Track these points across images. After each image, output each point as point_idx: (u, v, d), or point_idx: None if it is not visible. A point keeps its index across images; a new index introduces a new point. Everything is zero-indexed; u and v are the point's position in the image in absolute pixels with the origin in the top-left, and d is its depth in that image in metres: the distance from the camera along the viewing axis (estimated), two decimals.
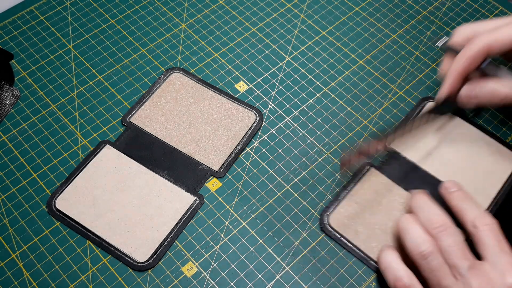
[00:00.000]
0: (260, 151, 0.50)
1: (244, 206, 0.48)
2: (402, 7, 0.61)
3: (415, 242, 0.39)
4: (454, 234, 0.39)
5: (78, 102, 0.53)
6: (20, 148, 0.50)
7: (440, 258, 0.38)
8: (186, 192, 0.48)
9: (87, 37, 0.58)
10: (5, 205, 0.47)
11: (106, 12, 0.60)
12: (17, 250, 0.45)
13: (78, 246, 0.45)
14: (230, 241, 0.46)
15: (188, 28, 0.58)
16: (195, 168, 0.49)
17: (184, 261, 0.45)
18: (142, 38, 0.58)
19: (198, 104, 0.53)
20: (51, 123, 0.52)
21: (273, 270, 0.45)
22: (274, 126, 0.52)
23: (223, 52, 0.57)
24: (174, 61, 0.56)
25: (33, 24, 0.58)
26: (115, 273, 0.44)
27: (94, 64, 0.56)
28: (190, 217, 0.47)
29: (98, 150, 0.50)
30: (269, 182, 0.49)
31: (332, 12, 0.60)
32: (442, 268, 0.38)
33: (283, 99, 0.54)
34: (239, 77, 0.55)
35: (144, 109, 0.52)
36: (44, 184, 0.48)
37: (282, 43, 0.58)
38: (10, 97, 0.53)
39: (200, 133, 0.51)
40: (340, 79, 0.55)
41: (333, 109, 0.53)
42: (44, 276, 0.44)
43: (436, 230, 0.39)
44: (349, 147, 0.51)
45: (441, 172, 0.49)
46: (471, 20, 0.59)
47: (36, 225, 0.46)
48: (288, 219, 0.47)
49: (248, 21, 0.59)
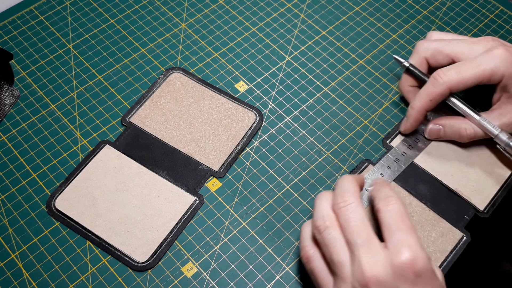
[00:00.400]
0: (260, 151, 0.50)
1: (244, 206, 0.47)
2: (402, 7, 0.61)
3: (315, 217, 0.39)
4: (354, 211, 0.38)
5: (78, 102, 0.53)
6: (20, 148, 0.50)
7: (334, 233, 0.38)
8: (186, 192, 0.48)
9: (87, 37, 0.58)
10: (5, 205, 0.47)
11: (106, 12, 0.59)
12: (17, 250, 0.45)
13: (78, 246, 0.45)
14: (230, 241, 0.46)
15: (188, 28, 0.58)
16: (195, 168, 0.49)
17: (184, 261, 0.45)
18: (142, 38, 0.58)
19: (198, 104, 0.53)
20: (51, 123, 0.52)
21: (273, 270, 0.45)
22: (274, 126, 0.52)
23: (223, 52, 0.57)
24: (174, 61, 0.56)
25: (33, 24, 0.58)
26: (115, 273, 0.44)
27: (94, 64, 0.56)
28: (190, 217, 0.47)
29: (98, 150, 0.50)
30: (269, 182, 0.49)
31: (332, 12, 0.60)
32: (334, 243, 0.37)
33: (283, 99, 0.54)
34: (239, 77, 0.55)
35: (144, 109, 0.52)
36: (44, 184, 0.48)
37: (282, 43, 0.58)
38: (10, 97, 0.53)
39: (200, 133, 0.51)
40: (340, 79, 0.55)
41: (333, 109, 0.53)
42: (44, 276, 0.44)
43: (337, 206, 0.39)
44: (349, 147, 0.51)
45: (441, 172, 0.49)
46: (471, 20, 0.59)
47: (36, 225, 0.46)
48: (288, 219, 0.47)
49: (248, 21, 0.59)
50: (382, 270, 0.35)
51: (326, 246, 0.38)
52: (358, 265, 0.36)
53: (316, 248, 0.40)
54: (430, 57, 0.48)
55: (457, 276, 0.45)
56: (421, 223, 0.46)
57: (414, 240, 0.36)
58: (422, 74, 0.48)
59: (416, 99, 0.47)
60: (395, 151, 0.49)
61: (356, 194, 0.39)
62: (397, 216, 0.37)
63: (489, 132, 0.46)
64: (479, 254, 0.46)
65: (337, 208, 0.39)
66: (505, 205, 0.48)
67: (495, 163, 0.49)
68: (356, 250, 0.36)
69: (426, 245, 0.45)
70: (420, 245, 0.36)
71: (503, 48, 0.44)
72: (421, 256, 0.35)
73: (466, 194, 0.48)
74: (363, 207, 0.38)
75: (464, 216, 0.47)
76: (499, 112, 0.46)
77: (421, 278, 0.35)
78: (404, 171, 0.49)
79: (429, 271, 0.35)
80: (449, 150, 0.50)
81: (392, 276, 0.35)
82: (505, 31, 0.58)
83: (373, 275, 0.35)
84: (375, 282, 0.35)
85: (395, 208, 0.38)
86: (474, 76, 0.45)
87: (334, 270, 0.37)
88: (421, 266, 0.35)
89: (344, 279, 0.36)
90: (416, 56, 0.49)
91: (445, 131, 0.49)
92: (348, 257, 0.37)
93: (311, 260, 0.40)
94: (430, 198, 0.47)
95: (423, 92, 0.47)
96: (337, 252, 0.37)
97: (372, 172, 0.48)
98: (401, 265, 0.35)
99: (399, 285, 0.35)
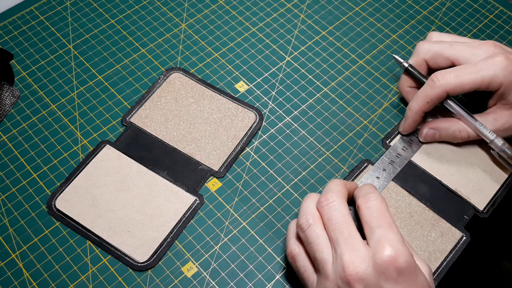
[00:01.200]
0: (260, 151, 0.50)
1: (244, 206, 0.48)
2: (402, 7, 0.61)
3: (299, 215, 0.40)
4: (336, 209, 0.38)
5: (78, 102, 0.53)
6: (20, 148, 0.50)
7: (317, 231, 0.38)
8: (186, 192, 0.48)
9: (87, 37, 0.58)
10: (5, 205, 0.47)
11: (106, 12, 0.60)
12: (17, 250, 0.45)
13: (78, 246, 0.45)
14: (230, 241, 0.46)
15: (188, 28, 0.58)
16: (195, 168, 0.49)
17: (184, 261, 0.45)
18: (142, 38, 0.58)
19: (198, 104, 0.53)
20: (51, 123, 0.52)
21: (273, 270, 0.45)
22: (274, 126, 0.52)
23: (223, 52, 0.57)
24: (174, 61, 0.56)
25: (33, 24, 0.58)
26: (115, 273, 0.44)
27: (94, 64, 0.56)
28: (190, 217, 0.47)
29: (98, 150, 0.50)
30: (269, 182, 0.49)
31: (332, 12, 0.60)
32: (317, 240, 0.38)
33: (283, 99, 0.54)
34: (239, 77, 0.55)
35: (144, 109, 0.52)
36: (44, 184, 0.48)
37: (282, 43, 0.58)
38: (10, 97, 0.53)
39: (200, 133, 0.51)
40: (340, 79, 0.55)
41: (333, 109, 0.53)
42: (44, 276, 0.44)
43: (320, 205, 0.39)
44: (349, 147, 0.51)
45: (440, 172, 0.49)
46: (471, 20, 0.59)
47: (36, 225, 0.46)
48: (288, 219, 0.47)
49: (248, 21, 0.59)
50: (364, 267, 0.35)
51: (309, 244, 0.38)
52: (340, 262, 0.36)
53: (301, 247, 0.40)
54: (430, 59, 0.48)
55: (457, 276, 0.45)
56: (421, 223, 0.46)
57: (395, 236, 0.36)
58: (420, 75, 0.48)
59: (414, 101, 0.47)
60: (390, 153, 0.50)
61: (340, 194, 0.39)
62: (377, 213, 0.38)
63: (485, 137, 0.47)
64: (478, 254, 0.46)
65: (320, 206, 0.39)
66: (505, 205, 0.48)
67: (494, 163, 0.49)
68: (338, 247, 0.36)
69: (425, 245, 0.45)
70: (401, 241, 0.36)
71: (504, 56, 0.44)
72: (402, 252, 0.35)
73: (466, 194, 0.48)
74: (346, 206, 0.39)
75: (463, 216, 0.47)
76: (494, 117, 0.47)
77: (403, 274, 0.35)
78: (403, 171, 0.49)
79: (411, 267, 0.35)
80: (449, 150, 0.50)
81: (374, 273, 0.35)
82: (505, 31, 0.59)
83: (355, 272, 0.35)
84: (357, 279, 0.35)
85: (375, 205, 0.38)
86: (472, 81, 0.45)
87: (318, 267, 0.38)
88: (402, 263, 0.35)
89: (327, 277, 0.37)
90: (416, 57, 0.49)
91: (440, 134, 0.49)
92: (330, 255, 0.37)
93: (296, 259, 0.40)
94: (430, 198, 0.48)
95: (420, 94, 0.47)
96: (320, 249, 0.37)
97: (367, 175, 0.48)
98: (382, 262, 0.35)
99: (381, 282, 0.35)
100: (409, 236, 0.45)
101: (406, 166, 0.49)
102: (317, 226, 0.38)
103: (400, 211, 0.47)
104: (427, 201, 0.47)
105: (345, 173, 0.49)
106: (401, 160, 0.49)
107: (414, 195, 0.48)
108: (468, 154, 0.50)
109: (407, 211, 0.47)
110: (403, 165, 0.49)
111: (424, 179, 0.49)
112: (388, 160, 0.49)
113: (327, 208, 0.38)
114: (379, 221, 0.37)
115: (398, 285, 0.35)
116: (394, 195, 0.47)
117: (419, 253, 0.45)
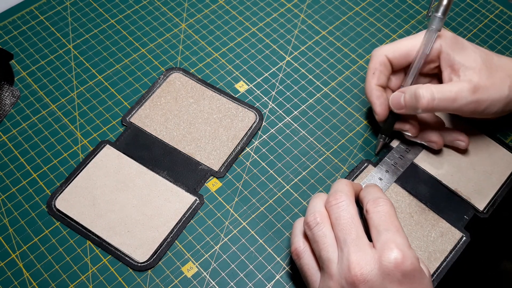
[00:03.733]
0: (260, 151, 0.50)
1: (244, 206, 0.48)
2: (402, 7, 0.61)
3: (307, 213, 0.40)
4: (345, 209, 0.38)
5: (78, 102, 0.53)
6: (20, 148, 0.50)
7: (324, 230, 0.38)
8: (186, 192, 0.48)
9: (87, 37, 0.58)
10: (5, 205, 0.47)
11: (106, 12, 0.60)
12: (17, 250, 0.45)
13: (78, 246, 0.45)
14: (230, 241, 0.46)
15: (188, 28, 0.58)
16: (195, 168, 0.49)
17: (184, 261, 0.45)
18: (142, 38, 0.58)
19: (198, 104, 0.53)
20: (51, 123, 0.52)
21: (273, 270, 0.45)
22: (274, 126, 0.52)
23: (223, 52, 0.57)
24: (174, 61, 0.56)
25: (33, 24, 0.58)
26: (115, 273, 0.44)
27: (94, 64, 0.56)
28: (190, 217, 0.47)
29: (98, 150, 0.50)
30: (269, 182, 0.49)
31: (332, 12, 0.60)
32: (324, 239, 0.38)
33: (283, 99, 0.54)
34: (239, 77, 0.55)
35: (144, 109, 0.52)
36: (44, 184, 0.48)
37: (282, 43, 0.58)
38: (10, 97, 0.53)
39: (200, 133, 0.51)
40: (340, 79, 0.55)
41: (333, 109, 0.53)
42: (44, 276, 0.44)
43: (329, 204, 0.39)
44: (349, 147, 0.51)
45: (440, 172, 0.49)
46: (471, 20, 0.59)
47: (36, 225, 0.46)
48: (288, 219, 0.47)
49: (248, 21, 0.59)
50: (369, 268, 0.35)
51: (316, 242, 0.38)
52: (346, 262, 0.36)
53: (307, 244, 0.40)
54: (390, 53, 0.47)
55: (457, 276, 0.45)
56: (421, 223, 0.46)
57: (402, 240, 0.36)
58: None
59: (366, 81, 0.48)
60: (393, 155, 0.49)
61: (349, 194, 0.39)
62: (385, 217, 0.38)
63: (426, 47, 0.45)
64: (478, 254, 0.46)
65: (328, 206, 0.39)
66: (505, 205, 0.48)
67: (495, 163, 0.49)
68: (345, 247, 0.36)
69: (425, 245, 0.45)
70: (408, 245, 0.36)
71: (445, 30, 0.45)
72: (408, 255, 0.35)
73: (466, 194, 0.48)
74: (355, 206, 0.39)
75: (463, 216, 0.47)
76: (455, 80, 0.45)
77: (408, 277, 0.35)
78: (403, 171, 0.49)
79: (416, 271, 0.35)
80: (449, 150, 0.50)
81: (379, 275, 0.35)
82: (505, 31, 0.59)
83: (360, 273, 0.35)
84: (362, 280, 0.35)
85: (384, 209, 0.38)
86: (409, 43, 0.46)
87: (322, 266, 0.38)
88: (408, 266, 0.35)
89: (331, 276, 0.37)
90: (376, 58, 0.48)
91: (405, 97, 0.45)
92: (336, 254, 0.37)
93: (301, 256, 0.40)
94: (430, 198, 0.48)
95: (367, 70, 0.48)
96: (326, 248, 0.37)
97: (370, 177, 0.48)
98: (388, 264, 0.35)
99: (385, 284, 0.35)
100: (409, 236, 0.45)
101: (407, 167, 0.49)
102: (325, 225, 0.38)
103: (400, 211, 0.47)
104: (427, 201, 0.47)
105: (345, 173, 0.49)
106: (404, 162, 0.49)
107: (414, 195, 0.48)
108: (468, 154, 0.50)
109: (407, 211, 0.47)
110: (406, 167, 0.49)
111: (424, 179, 0.49)
112: (391, 162, 0.49)
113: (335, 208, 0.38)
114: (387, 225, 0.37)
115: (402, 287, 0.35)
116: (394, 195, 0.47)
117: (418, 253, 0.45)
